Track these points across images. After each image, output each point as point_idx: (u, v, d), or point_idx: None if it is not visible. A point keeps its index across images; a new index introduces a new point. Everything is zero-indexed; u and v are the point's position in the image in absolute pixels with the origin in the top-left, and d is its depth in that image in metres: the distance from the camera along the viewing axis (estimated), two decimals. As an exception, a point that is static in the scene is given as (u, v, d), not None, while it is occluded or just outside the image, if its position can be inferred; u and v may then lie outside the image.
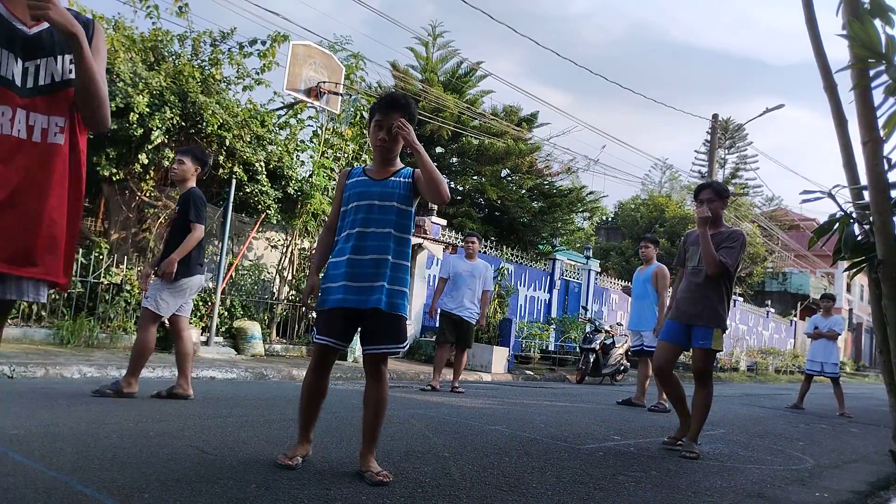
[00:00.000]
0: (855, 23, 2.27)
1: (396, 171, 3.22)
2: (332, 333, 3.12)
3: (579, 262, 18.85)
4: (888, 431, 2.80)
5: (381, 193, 3.14)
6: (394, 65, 18.84)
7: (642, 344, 8.05)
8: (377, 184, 3.18)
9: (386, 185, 3.16)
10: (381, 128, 3.15)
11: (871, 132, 2.36)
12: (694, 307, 4.74)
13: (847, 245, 2.53)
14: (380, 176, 3.21)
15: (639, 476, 3.76)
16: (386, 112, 3.12)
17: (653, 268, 8.09)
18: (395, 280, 3.09)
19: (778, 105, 19.62)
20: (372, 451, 3.12)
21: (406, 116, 3.12)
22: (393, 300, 3.07)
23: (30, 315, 8.13)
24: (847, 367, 30.98)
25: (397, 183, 3.17)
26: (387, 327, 3.08)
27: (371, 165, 3.30)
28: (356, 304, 3.06)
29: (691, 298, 4.77)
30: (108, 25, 9.42)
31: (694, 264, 4.83)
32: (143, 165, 8.78)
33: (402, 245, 3.14)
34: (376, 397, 3.14)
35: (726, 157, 37.74)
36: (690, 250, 4.91)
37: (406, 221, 3.18)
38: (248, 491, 2.68)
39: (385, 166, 3.24)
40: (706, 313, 4.69)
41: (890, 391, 2.50)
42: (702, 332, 4.69)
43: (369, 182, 3.19)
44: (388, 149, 3.18)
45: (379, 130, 3.16)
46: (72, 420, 3.90)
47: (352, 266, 3.06)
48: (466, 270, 8.18)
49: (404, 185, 3.17)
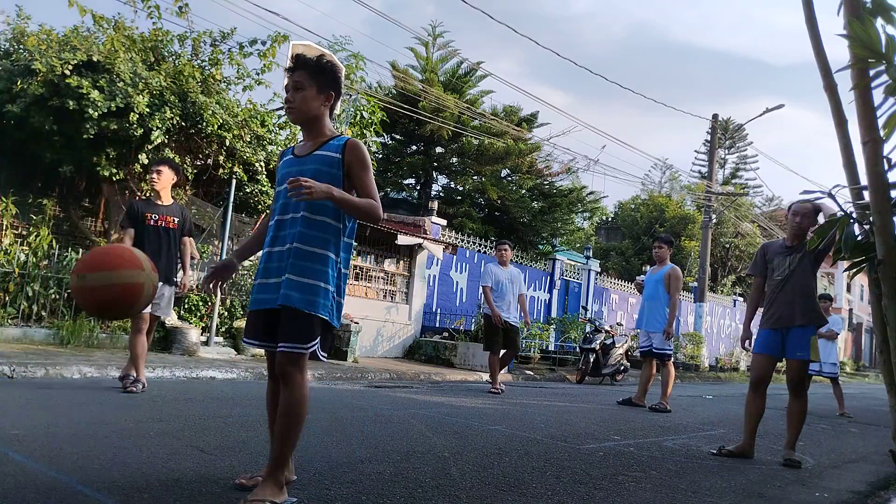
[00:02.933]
0: (855, 23, 2.27)
1: (322, 144, 2.73)
2: (254, 335, 2.73)
3: (579, 262, 18.86)
4: (888, 431, 2.80)
5: (301, 172, 2.64)
6: (394, 65, 18.82)
7: (651, 345, 7.98)
8: (298, 161, 2.74)
9: (306, 161, 2.71)
10: (287, 90, 2.75)
11: (871, 132, 2.36)
12: (790, 308, 4.71)
13: (847, 245, 2.53)
14: (303, 151, 2.76)
15: (639, 476, 3.76)
16: (291, 72, 2.73)
17: (666, 269, 7.99)
18: (299, 270, 2.58)
19: (778, 105, 19.61)
20: (272, 474, 2.52)
21: (311, 75, 2.69)
22: (291, 293, 2.56)
23: (30, 315, 8.13)
24: (847, 367, 30.98)
25: (318, 158, 2.69)
26: (287, 323, 2.58)
27: (301, 141, 2.86)
28: (262, 305, 2.67)
29: (784, 302, 4.73)
30: (108, 25, 9.43)
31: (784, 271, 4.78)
32: (143, 165, 8.78)
33: (314, 229, 2.62)
34: (281, 404, 2.58)
35: (726, 157, 37.71)
36: (776, 260, 4.86)
37: (323, 201, 2.60)
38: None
39: (310, 138, 2.78)
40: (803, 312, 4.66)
41: (890, 391, 2.50)
42: (799, 338, 4.64)
43: (292, 161, 2.76)
44: (293, 111, 2.72)
45: (286, 92, 2.75)
46: (72, 420, 3.90)
47: (266, 260, 2.70)
48: (507, 278, 8.42)
49: (327, 159, 2.68)
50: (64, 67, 8.10)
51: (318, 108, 2.73)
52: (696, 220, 27.42)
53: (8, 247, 8.10)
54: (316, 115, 2.74)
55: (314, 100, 2.70)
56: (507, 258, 8.62)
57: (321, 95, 2.72)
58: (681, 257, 26.76)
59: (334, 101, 2.81)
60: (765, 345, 4.80)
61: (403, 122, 17.94)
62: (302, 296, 2.56)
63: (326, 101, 2.75)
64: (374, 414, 5.40)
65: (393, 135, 19.25)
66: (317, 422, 4.69)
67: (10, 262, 7.96)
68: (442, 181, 20.72)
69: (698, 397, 10.88)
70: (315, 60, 2.74)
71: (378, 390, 7.41)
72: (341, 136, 2.75)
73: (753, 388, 4.86)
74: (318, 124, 2.76)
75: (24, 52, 8.66)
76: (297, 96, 2.69)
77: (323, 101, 2.73)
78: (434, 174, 20.16)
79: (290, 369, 2.57)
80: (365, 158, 2.70)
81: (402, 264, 13.40)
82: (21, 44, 8.89)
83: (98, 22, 9.38)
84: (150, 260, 3.14)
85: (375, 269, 12.90)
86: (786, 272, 4.76)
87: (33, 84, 8.15)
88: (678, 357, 17.48)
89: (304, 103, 2.69)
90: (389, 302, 13.06)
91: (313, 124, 2.76)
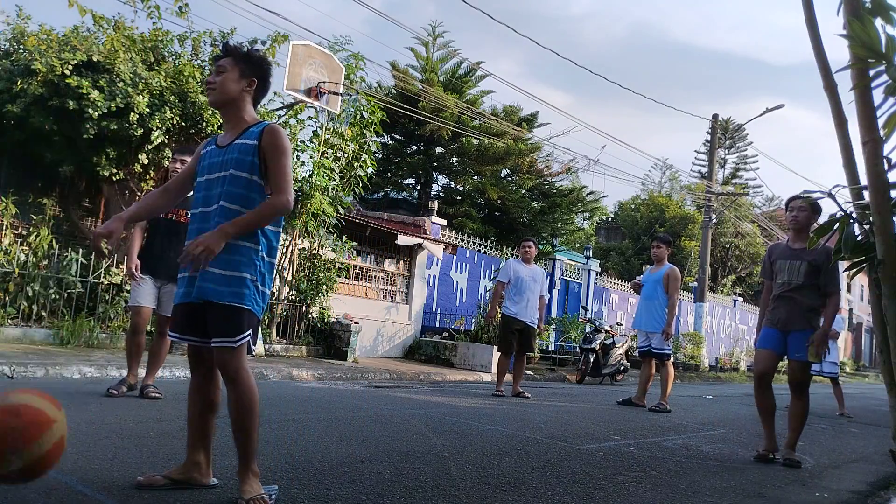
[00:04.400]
0: (855, 23, 2.27)
1: (242, 132, 2.70)
2: (177, 328, 2.69)
3: (579, 262, 18.86)
4: (888, 431, 2.79)
5: (221, 163, 2.65)
6: (394, 65, 18.84)
7: (650, 345, 7.97)
8: (220, 152, 2.69)
9: (228, 151, 2.67)
10: (211, 72, 2.76)
11: (871, 132, 2.36)
12: (790, 315, 4.68)
13: (847, 245, 2.53)
14: (225, 142, 2.72)
15: (639, 476, 3.76)
16: (217, 58, 2.77)
17: (664, 269, 7.96)
18: (223, 263, 2.53)
19: (778, 105, 19.61)
20: (247, 467, 2.54)
21: (235, 60, 2.71)
22: (216, 286, 2.53)
23: (30, 315, 8.13)
24: (847, 367, 30.96)
25: (237, 146, 2.65)
26: (216, 318, 2.55)
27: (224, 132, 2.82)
28: (184, 299, 2.62)
29: (787, 308, 4.70)
30: (108, 25, 9.43)
31: (787, 280, 4.72)
32: (143, 165, 8.78)
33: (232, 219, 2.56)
34: (231, 402, 2.58)
35: (726, 157, 37.70)
36: (778, 264, 4.81)
37: (240, 190, 2.60)
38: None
39: (230, 127, 2.75)
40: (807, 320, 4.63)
41: (890, 391, 2.50)
42: (799, 340, 4.61)
43: (214, 151, 2.72)
44: (213, 92, 2.70)
45: (209, 75, 2.76)
46: (72, 420, 3.88)
47: None
48: (529, 276, 8.07)
49: (245, 147, 2.64)
50: (64, 67, 8.10)
51: (237, 92, 2.71)
52: (696, 220, 27.44)
53: (8, 247, 8.10)
54: (234, 98, 2.71)
55: (234, 83, 2.69)
56: (532, 255, 8.26)
57: (243, 80, 2.71)
58: (681, 257, 26.77)
59: (258, 90, 2.77)
60: (767, 340, 4.80)
61: (403, 122, 17.95)
62: (228, 289, 2.54)
63: (249, 86, 2.73)
64: (374, 414, 5.40)
65: (393, 135, 19.26)
66: (317, 422, 4.70)
67: (10, 262, 7.96)
68: (442, 181, 20.74)
69: (698, 397, 10.88)
70: (243, 49, 2.77)
71: (378, 390, 7.41)
72: (261, 123, 2.71)
73: (757, 383, 4.86)
74: (237, 110, 2.73)
75: (24, 52, 8.66)
76: (219, 79, 2.69)
77: (244, 87, 2.72)
78: (434, 174, 20.17)
79: (232, 364, 2.55)
80: (280, 143, 2.64)
81: (402, 264, 13.40)
82: (21, 44, 8.89)
83: (98, 22, 9.38)
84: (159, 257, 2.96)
85: (375, 269, 12.90)
86: (792, 283, 4.69)
87: (33, 84, 8.15)
88: (678, 357, 17.48)
89: (223, 84, 2.68)
90: (389, 302, 13.06)
91: (232, 109, 2.73)
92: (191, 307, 2.61)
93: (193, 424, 2.68)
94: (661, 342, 7.85)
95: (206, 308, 2.57)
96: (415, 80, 18.63)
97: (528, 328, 8.05)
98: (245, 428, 2.55)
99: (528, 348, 8.19)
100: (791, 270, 4.71)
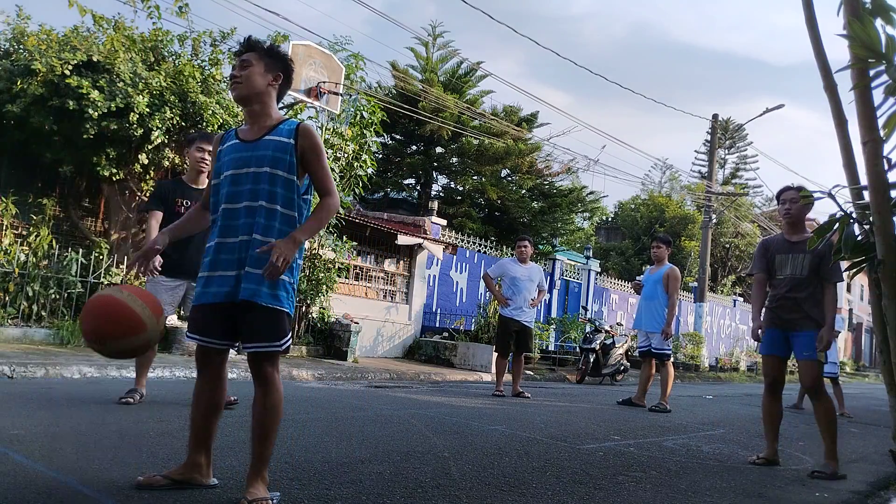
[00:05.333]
0: (855, 23, 2.27)
1: (272, 128, 2.64)
2: (199, 330, 2.62)
3: (579, 262, 18.86)
4: (888, 431, 2.80)
5: (253, 158, 2.58)
6: (394, 65, 18.83)
7: (650, 345, 7.98)
8: (248, 147, 2.62)
9: (257, 147, 2.60)
10: (234, 67, 2.70)
11: (871, 132, 2.36)
12: (793, 315, 4.55)
13: (847, 245, 2.53)
14: (251, 136, 2.65)
15: (639, 476, 3.76)
16: (240, 53, 2.71)
17: (665, 269, 7.96)
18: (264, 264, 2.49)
19: (778, 105, 19.61)
20: (259, 472, 2.52)
21: (259, 55, 2.67)
22: (262, 288, 2.51)
23: (30, 315, 8.13)
24: (847, 367, 30.97)
25: (271, 143, 2.60)
26: (259, 322, 2.53)
27: (244, 125, 2.75)
28: (214, 299, 2.55)
29: (790, 308, 4.57)
30: (108, 25, 9.43)
31: (790, 274, 4.59)
32: (143, 165, 8.77)
33: (274, 220, 2.56)
34: (261, 405, 2.56)
35: (726, 157, 37.73)
36: (778, 258, 4.66)
37: (282, 191, 2.57)
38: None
39: (255, 122, 2.68)
40: (811, 318, 4.50)
41: (890, 391, 2.50)
42: (804, 340, 4.49)
43: (239, 146, 2.64)
44: (238, 86, 2.64)
45: (232, 70, 2.70)
46: (72, 420, 3.90)
47: (217, 252, 2.57)
48: (524, 275, 8.05)
49: (281, 145, 2.59)
50: (64, 67, 8.10)
51: (263, 86, 2.66)
52: (696, 220, 27.44)
53: (8, 247, 8.09)
54: (260, 93, 2.66)
55: (261, 76, 2.65)
56: (528, 254, 8.24)
57: (268, 74, 2.67)
58: (681, 257, 26.77)
59: (282, 87, 2.75)
60: (771, 345, 4.66)
61: (403, 122, 17.94)
62: (271, 291, 2.52)
63: (274, 80, 2.69)
64: (374, 414, 5.40)
65: (393, 135, 19.25)
66: (317, 422, 4.69)
67: (10, 262, 7.96)
68: (442, 181, 20.73)
69: (698, 397, 10.88)
70: (266, 45, 2.73)
71: (378, 390, 7.40)
72: (291, 120, 2.68)
73: (769, 391, 4.70)
74: (263, 105, 2.68)
75: (24, 52, 8.65)
76: (244, 73, 2.64)
77: (270, 81, 2.68)
78: (434, 174, 20.16)
79: (269, 369, 2.56)
80: (318, 143, 2.64)
81: (402, 264, 13.40)
82: (21, 44, 8.88)
83: (98, 22, 9.38)
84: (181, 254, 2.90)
85: (375, 269, 12.90)
86: (796, 276, 4.56)
87: (33, 84, 8.15)
88: (678, 357, 17.48)
89: (249, 79, 2.63)
90: (389, 302, 13.06)
91: (258, 104, 2.67)
92: (218, 308, 2.57)
93: (196, 426, 2.66)
94: (660, 342, 7.85)
95: (243, 310, 2.53)
96: (415, 80, 18.62)
97: (525, 329, 8.05)
98: (268, 432, 2.56)
99: (525, 348, 8.20)
100: (794, 264, 4.58)
